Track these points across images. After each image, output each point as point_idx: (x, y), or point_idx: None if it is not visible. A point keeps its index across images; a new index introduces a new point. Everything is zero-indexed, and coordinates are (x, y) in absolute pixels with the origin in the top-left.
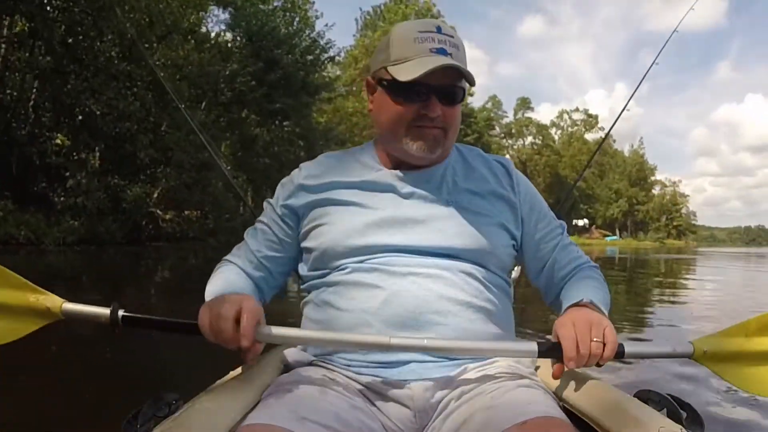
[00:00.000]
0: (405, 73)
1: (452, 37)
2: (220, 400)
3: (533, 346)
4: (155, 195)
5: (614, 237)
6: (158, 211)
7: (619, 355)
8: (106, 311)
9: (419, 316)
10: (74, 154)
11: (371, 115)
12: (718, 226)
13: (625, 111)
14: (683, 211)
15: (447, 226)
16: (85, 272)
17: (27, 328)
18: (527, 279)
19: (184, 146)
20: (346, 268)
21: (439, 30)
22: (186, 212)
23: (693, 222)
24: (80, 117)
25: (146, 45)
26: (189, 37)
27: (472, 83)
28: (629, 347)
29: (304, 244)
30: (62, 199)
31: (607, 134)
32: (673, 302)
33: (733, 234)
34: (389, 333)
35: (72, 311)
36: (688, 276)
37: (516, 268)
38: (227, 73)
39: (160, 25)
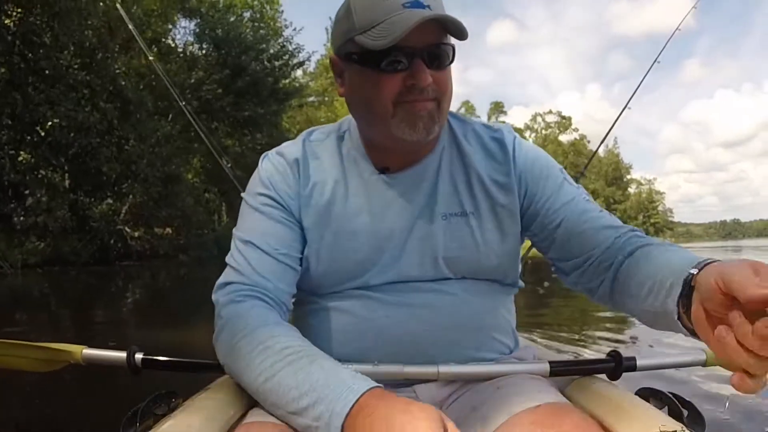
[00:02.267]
0: (378, 38)
1: None
2: (220, 398)
3: (545, 366)
4: (123, 211)
5: None
6: (126, 229)
7: (631, 368)
8: (123, 355)
9: (417, 355)
10: (34, 171)
11: (346, 100)
12: (694, 221)
13: (600, 111)
14: (660, 208)
15: (445, 248)
16: (40, 296)
17: (51, 367)
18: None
19: (150, 159)
20: (336, 295)
21: None
22: (156, 229)
23: (670, 218)
24: (42, 133)
25: (107, 55)
26: (153, 46)
27: (462, 36)
28: (641, 360)
29: None
30: (22, 218)
31: (606, 135)
32: None
33: (709, 229)
34: (390, 355)
35: (91, 357)
36: None
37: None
38: (192, 81)
39: (121, 32)
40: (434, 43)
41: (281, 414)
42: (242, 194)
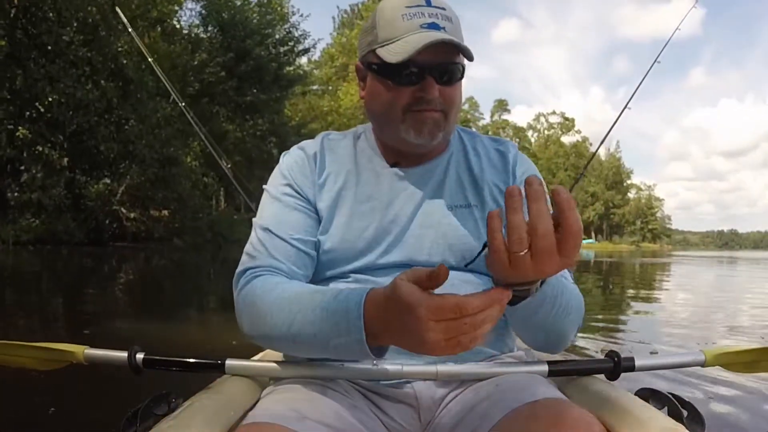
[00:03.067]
0: (394, 53)
1: (444, 9)
2: (220, 399)
3: (543, 366)
4: (119, 192)
5: (590, 240)
6: (122, 210)
7: (630, 369)
8: (124, 355)
9: None
10: (31, 147)
11: (364, 103)
12: (691, 229)
13: (602, 114)
14: (658, 215)
15: (450, 237)
16: (30, 275)
17: (54, 365)
18: None
19: (148, 140)
20: (343, 280)
21: (428, 3)
22: (152, 211)
23: (668, 225)
24: (42, 109)
25: (109, 33)
26: (157, 26)
27: (470, 58)
28: (640, 360)
29: None
30: (16, 194)
31: (606, 136)
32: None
33: (706, 238)
34: (390, 354)
35: (93, 356)
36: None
37: None
38: (195, 63)
39: (126, 10)
40: (445, 61)
41: (315, 353)
42: (264, 186)
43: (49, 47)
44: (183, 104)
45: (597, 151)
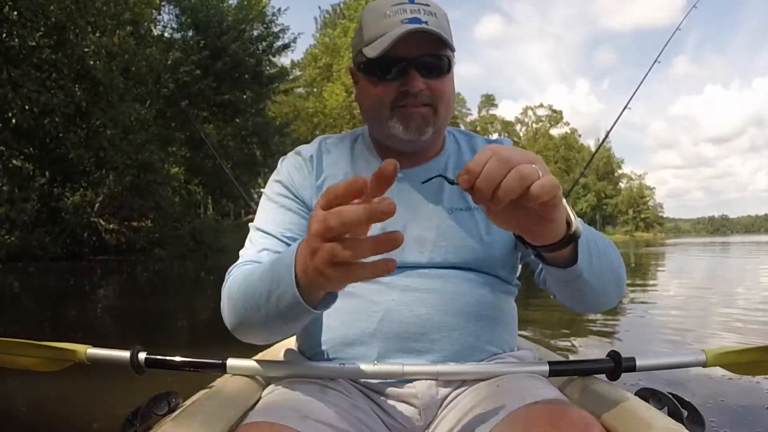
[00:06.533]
0: (374, 48)
1: (428, 5)
2: (220, 398)
3: (544, 366)
4: (97, 203)
5: None
6: (101, 221)
7: (630, 369)
8: (127, 354)
9: (420, 337)
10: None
11: (358, 104)
12: (682, 217)
13: (587, 106)
14: (650, 203)
15: (451, 239)
16: None
17: (57, 366)
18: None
19: (121, 146)
20: None
21: (411, 0)
22: (133, 222)
23: (660, 214)
24: (13, 119)
25: (76, 32)
26: (129, 27)
27: (450, 48)
28: (641, 360)
29: None
30: None
31: (606, 136)
32: None
33: (697, 224)
34: (389, 352)
35: (96, 356)
36: None
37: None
38: (169, 62)
39: (91, 8)
40: (428, 53)
41: (270, 316)
42: (262, 190)
43: (18, 52)
44: (184, 104)
45: (596, 153)
